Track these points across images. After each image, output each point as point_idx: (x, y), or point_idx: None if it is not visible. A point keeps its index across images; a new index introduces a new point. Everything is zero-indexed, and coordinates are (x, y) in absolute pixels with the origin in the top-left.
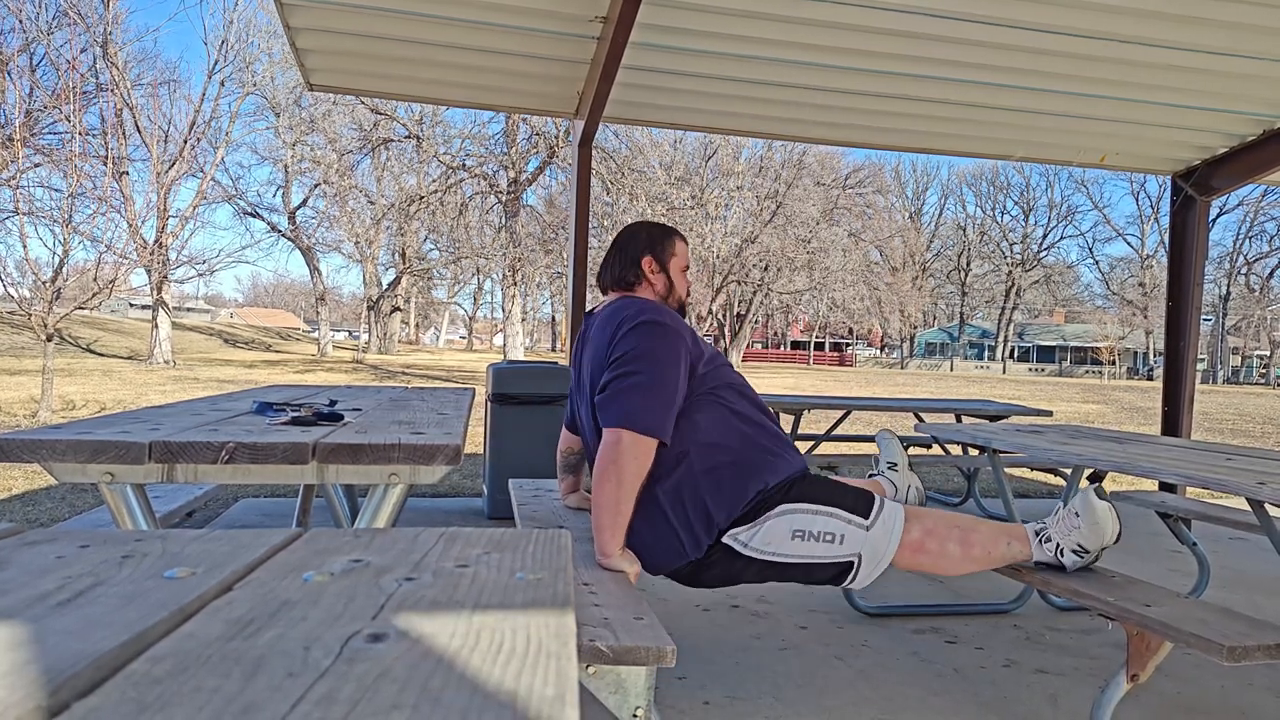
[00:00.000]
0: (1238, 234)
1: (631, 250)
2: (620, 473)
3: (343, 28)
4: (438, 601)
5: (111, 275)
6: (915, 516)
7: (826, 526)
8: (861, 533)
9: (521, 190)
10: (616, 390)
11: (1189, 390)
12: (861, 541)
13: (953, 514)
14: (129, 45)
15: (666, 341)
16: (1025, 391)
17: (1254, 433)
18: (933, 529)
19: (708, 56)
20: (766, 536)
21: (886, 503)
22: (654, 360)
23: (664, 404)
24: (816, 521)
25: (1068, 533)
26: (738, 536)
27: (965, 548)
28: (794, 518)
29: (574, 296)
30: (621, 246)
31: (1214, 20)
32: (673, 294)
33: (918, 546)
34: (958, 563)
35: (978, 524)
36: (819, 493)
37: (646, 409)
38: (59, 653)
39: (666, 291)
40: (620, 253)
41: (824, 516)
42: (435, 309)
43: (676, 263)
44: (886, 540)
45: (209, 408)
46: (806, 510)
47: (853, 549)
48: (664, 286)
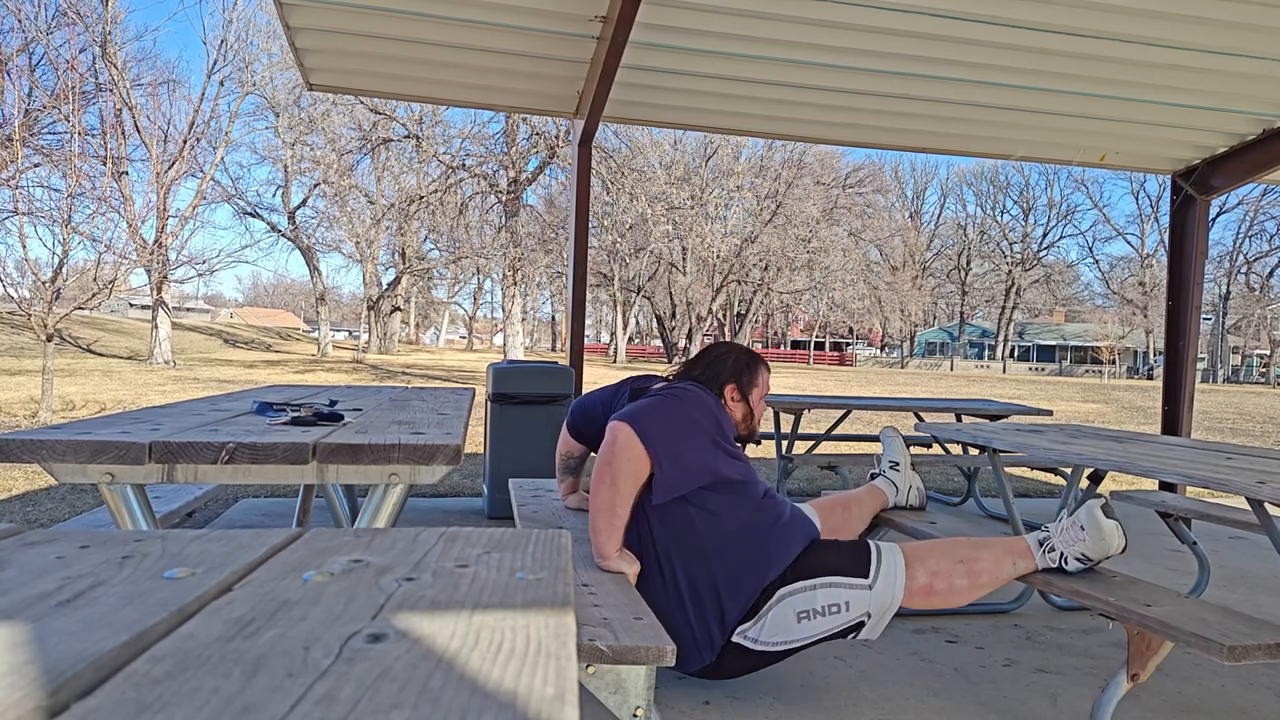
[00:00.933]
0: (1238, 233)
1: (716, 373)
2: (615, 473)
3: (342, 27)
4: (438, 601)
5: (111, 275)
6: (917, 559)
7: (829, 599)
8: (865, 593)
9: (521, 190)
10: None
11: (1189, 389)
12: (867, 601)
13: (952, 542)
14: (128, 45)
15: (702, 402)
16: (1025, 391)
17: (1254, 432)
18: (937, 570)
19: (708, 56)
20: (773, 629)
21: (883, 551)
22: (682, 402)
23: (669, 429)
24: (817, 597)
25: (1071, 543)
26: (745, 634)
27: (972, 578)
28: (794, 600)
29: (574, 296)
30: (708, 365)
31: (1214, 20)
32: (746, 425)
33: (927, 590)
34: (967, 594)
35: (979, 550)
36: (812, 565)
37: (649, 417)
38: (59, 653)
39: (741, 421)
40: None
41: (824, 589)
42: (435, 309)
43: (756, 394)
44: (891, 591)
45: (209, 408)
46: (804, 588)
47: (860, 611)
48: (741, 416)
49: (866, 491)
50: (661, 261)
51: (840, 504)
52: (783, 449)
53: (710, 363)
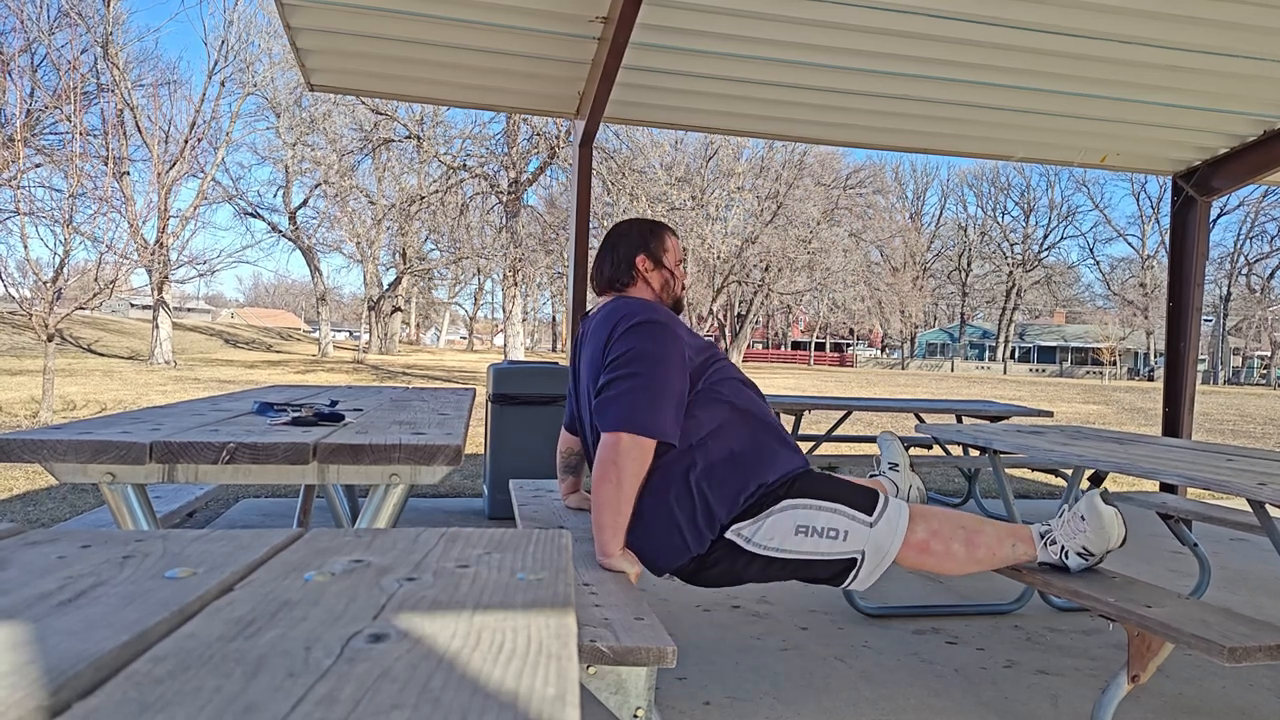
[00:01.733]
0: (1238, 234)
1: (624, 250)
2: (620, 474)
3: (343, 28)
4: (438, 602)
5: (112, 275)
6: (920, 516)
7: (830, 522)
8: (865, 529)
9: (522, 190)
10: (614, 393)
11: (1190, 391)
12: (865, 538)
13: (958, 513)
14: (130, 46)
15: (662, 341)
16: (1026, 392)
17: (1255, 433)
18: (938, 529)
19: (708, 56)
20: (770, 532)
21: (891, 500)
22: (651, 360)
23: (662, 404)
24: (820, 517)
25: (1073, 536)
26: (740, 532)
27: (970, 548)
28: (797, 513)
29: (574, 297)
30: (612, 246)
31: (1214, 20)
32: (668, 290)
33: (922, 546)
34: (962, 563)
35: (983, 525)
36: (823, 489)
37: (644, 410)
38: (60, 653)
39: (662, 288)
40: (612, 253)
41: (827, 512)
42: (436, 309)
43: (669, 258)
44: (890, 538)
45: (210, 408)
46: (810, 506)
47: (856, 546)
48: (660, 283)
49: (868, 484)
50: None
51: None
52: None
53: (614, 247)
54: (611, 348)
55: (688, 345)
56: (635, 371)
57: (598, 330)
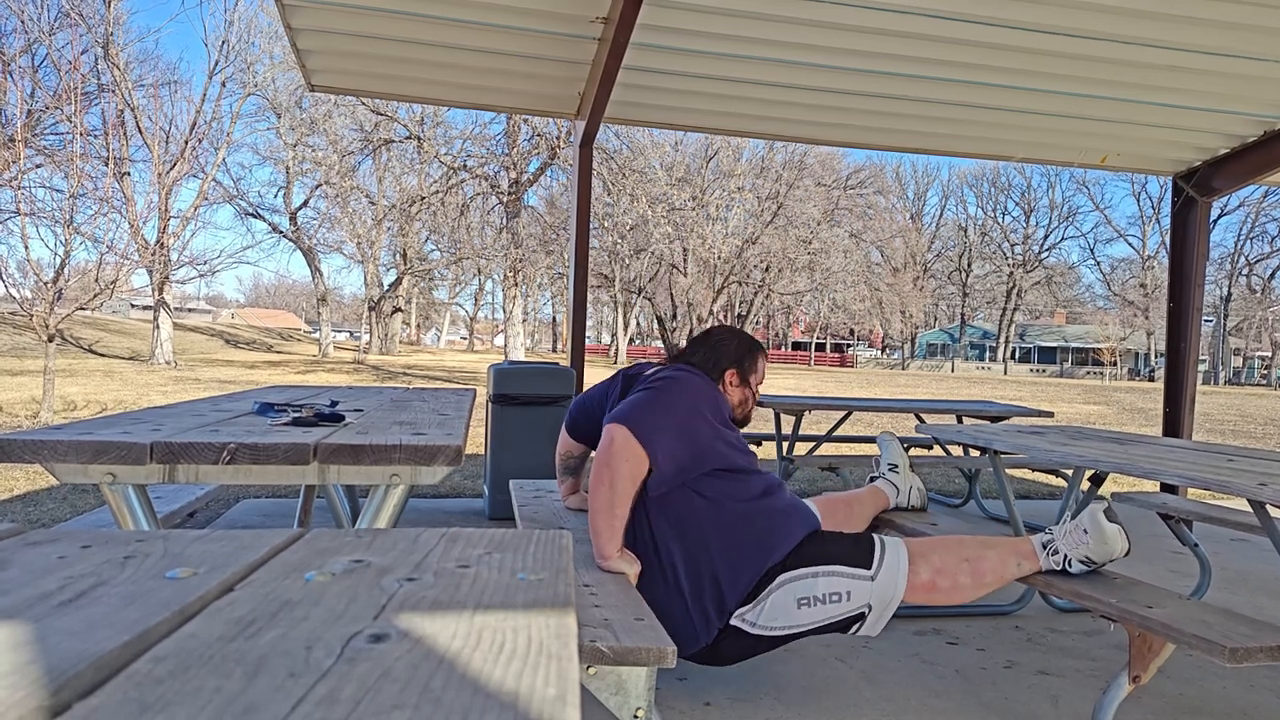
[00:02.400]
0: (1239, 235)
1: (721, 354)
2: (613, 474)
3: (344, 28)
4: (439, 602)
5: (113, 276)
6: (921, 555)
7: (830, 587)
8: (867, 584)
9: (522, 191)
10: (631, 397)
11: (1190, 391)
12: (868, 593)
13: (958, 541)
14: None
15: (702, 397)
16: (1026, 392)
17: (1255, 434)
18: (941, 567)
19: (708, 57)
20: (772, 613)
21: (887, 544)
22: (678, 392)
23: (668, 425)
24: (818, 585)
25: (1075, 546)
26: (744, 617)
27: (976, 577)
28: (795, 586)
29: (575, 297)
30: (711, 345)
31: (1214, 20)
32: (741, 409)
33: (930, 587)
34: (970, 592)
35: (984, 549)
36: (815, 552)
37: (646, 415)
38: (61, 653)
39: (739, 405)
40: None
41: (825, 578)
42: (436, 310)
43: (755, 379)
44: (893, 585)
45: (210, 408)
46: (806, 575)
47: (861, 602)
48: (738, 400)
49: (868, 492)
50: (662, 262)
51: (842, 502)
52: (783, 450)
53: (713, 346)
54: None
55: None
56: (659, 391)
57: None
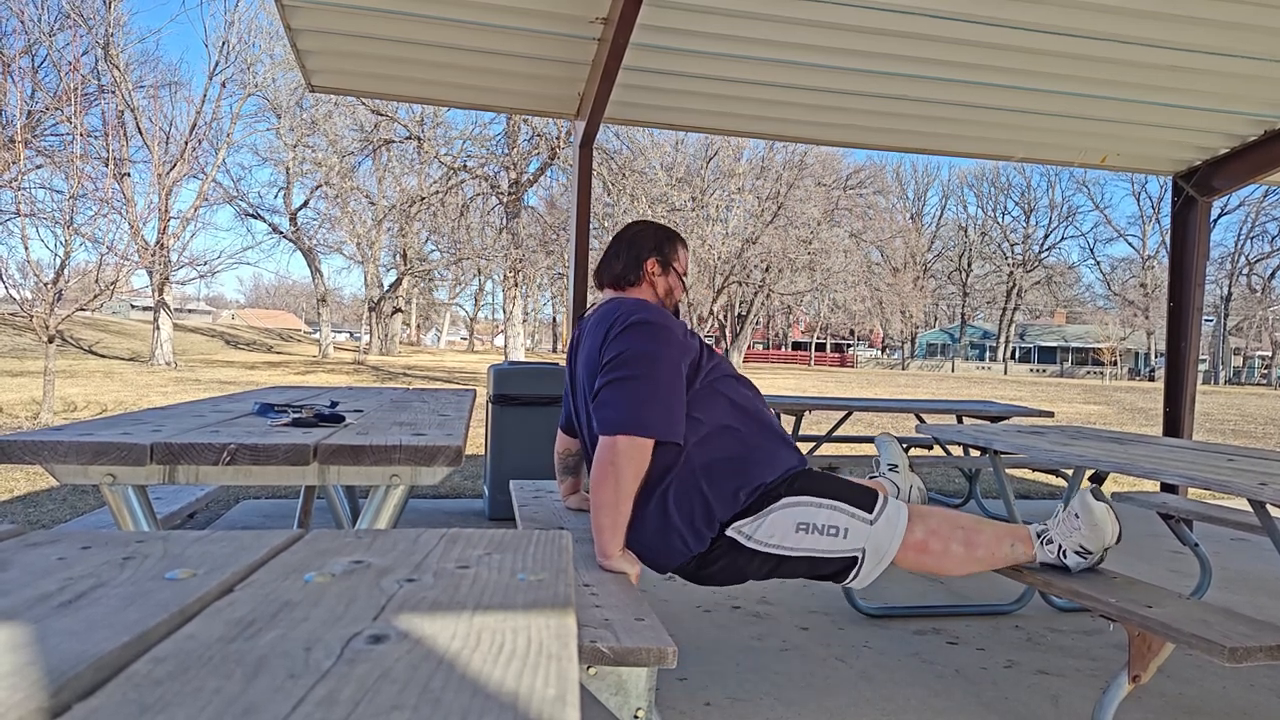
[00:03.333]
0: (1239, 234)
1: (636, 250)
2: (618, 474)
3: (344, 29)
4: (439, 602)
5: (113, 277)
6: (919, 516)
7: (830, 520)
8: (865, 527)
9: (522, 191)
10: (611, 394)
11: (1190, 391)
12: (865, 536)
13: (957, 514)
14: (130, 47)
15: (659, 340)
16: (1026, 392)
17: (1255, 433)
18: (936, 529)
19: (708, 57)
20: (770, 529)
21: (890, 500)
22: (647, 360)
23: (660, 403)
24: (820, 514)
25: (1069, 534)
26: (741, 529)
27: (969, 548)
28: (798, 510)
29: (575, 297)
30: (626, 245)
31: (1214, 20)
32: (670, 297)
33: (921, 547)
34: (961, 563)
35: (981, 525)
36: (823, 486)
37: (640, 411)
38: (60, 654)
39: (666, 293)
40: (624, 251)
41: (828, 510)
42: (436, 310)
43: (678, 265)
44: (890, 537)
45: (210, 409)
46: (810, 503)
47: (857, 543)
48: (665, 288)
49: (868, 485)
50: None
51: None
52: None
53: (628, 246)
54: (608, 347)
55: (685, 344)
56: (632, 373)
57: (594, 329)
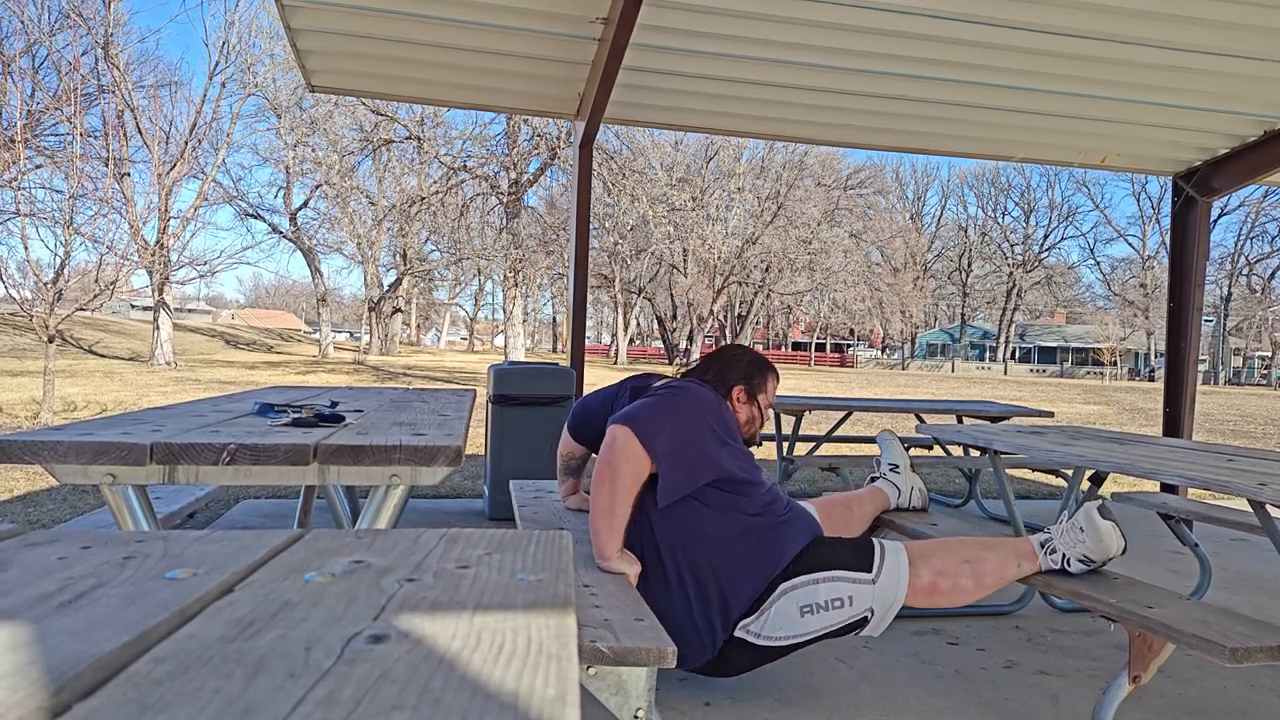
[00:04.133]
0: (1239, 235)
1: (727, 373)
2: (615, 475)
3: (344, 29)
4: (439, 602)
5: (113, 276)
6: (922, 558)
7: (832, 593)
8: (869, 588)
9: (522, 191)
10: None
11: (1190, 391)
12: (871, 597)
13: (958, 542)
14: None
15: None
16: (1026, 392)
17: (1255, 434)
18: (942, 569)
19: (708, 57)
20: (776, 622)
21: (886, 548)
22: (682, 400)
23: (670, 430)
24: (820, 591)
25: (1073, 545)
26: (748, 629)
27: (977, 579)
28: (796, 594)
29: (575, 297)
30: (719, 365)
31: (1214, 20)
32: (749, 427)
33: (931, 589)
34: (971, 593)
35: (984, 551)
36: (815, 560)
37: (650, 419)
38: (61, 653)
39: (746, 423)
40: (718, 367)
41: (826, 584)
42: (436, 310)
43: (764, 399)
44: (895, 587)
45: (210, 409)
46: (807, 582)
47: (863, 606)
48: (746, 417)
49: (868, 492)
50: (662, 263)
51: (841, 503)
52: (784, 450)
53: (724, 363)
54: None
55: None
56: (665, 398)
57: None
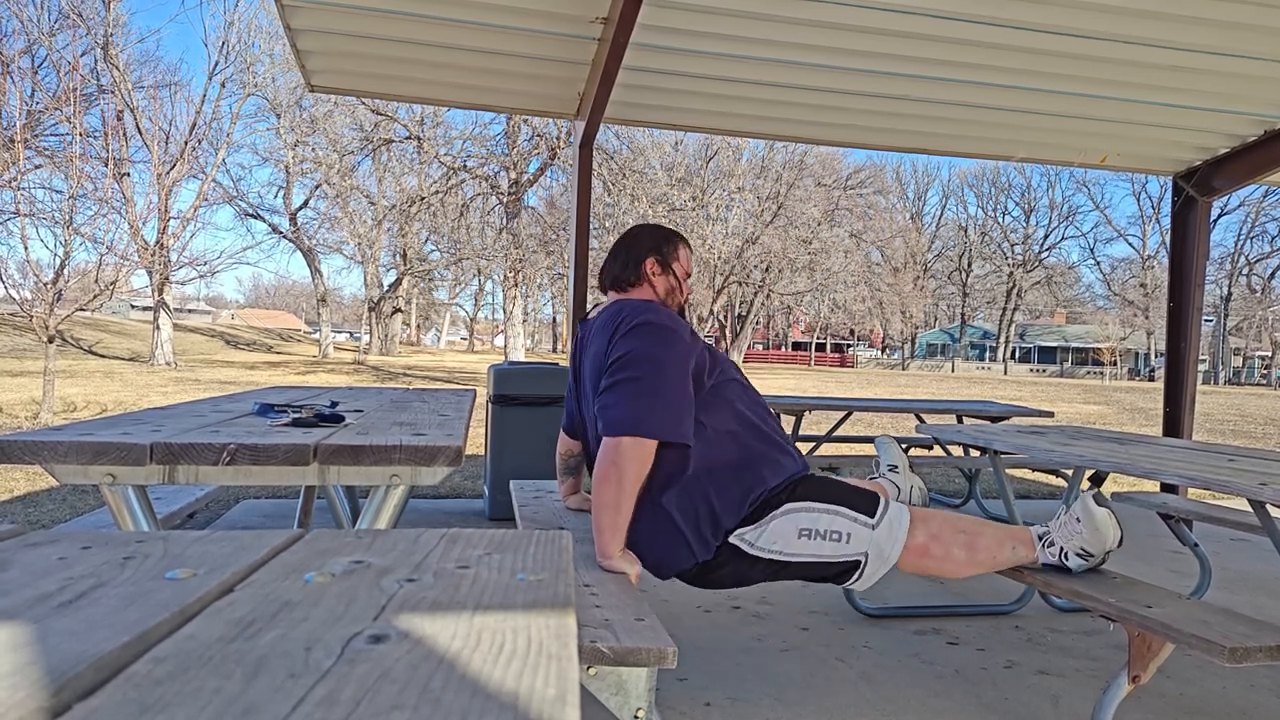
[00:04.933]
0: (1239, 235)
1: (634, 251)
2: (620, 475)
3: (343, 29)
4: (439, 602)
5: (112, 277)
6: (921, 520)
7: (832, 525)
8: (867, 531)
9: (522, 191)
10: (615, 396)
11: (1190, 391)
12: (867, 540)
13: (958, 516)
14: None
15: (665, 342)
16: (1026, 392)
17: (1255, 434)
18: (938, 533)
19: (708, 57)
20: (773, 536)
21: (891, 503)
22: (652, 362)
23: (665, 404)
24: (822, 520)
25: (1070, 537)
26: (744, 536)
27: (970, 551)
28: (800, 516)
29: (575, 297)
30: (625, 247)
31: (1214, 20)
32: (672, 296)
33: (923, 550)
34: (962, 566)
35: (983, 527)
36: (824, 492)
37: (645, 412)
38: (61, 654)
39: (667, 293)
40: (623, 253)
41: (829, 515)
42: (436, 310)
43: (679, 266)
44: (891, 540)
45: (210, 409)
46: (812, 509)
47: (859, 548)
48: (665, 288)
49: (868, 486)
50: None
51: None
52: None
53: (629, 245)
54: (613, 349)
55: (690, 346)
56: (636, 374)
57: (599, 332)
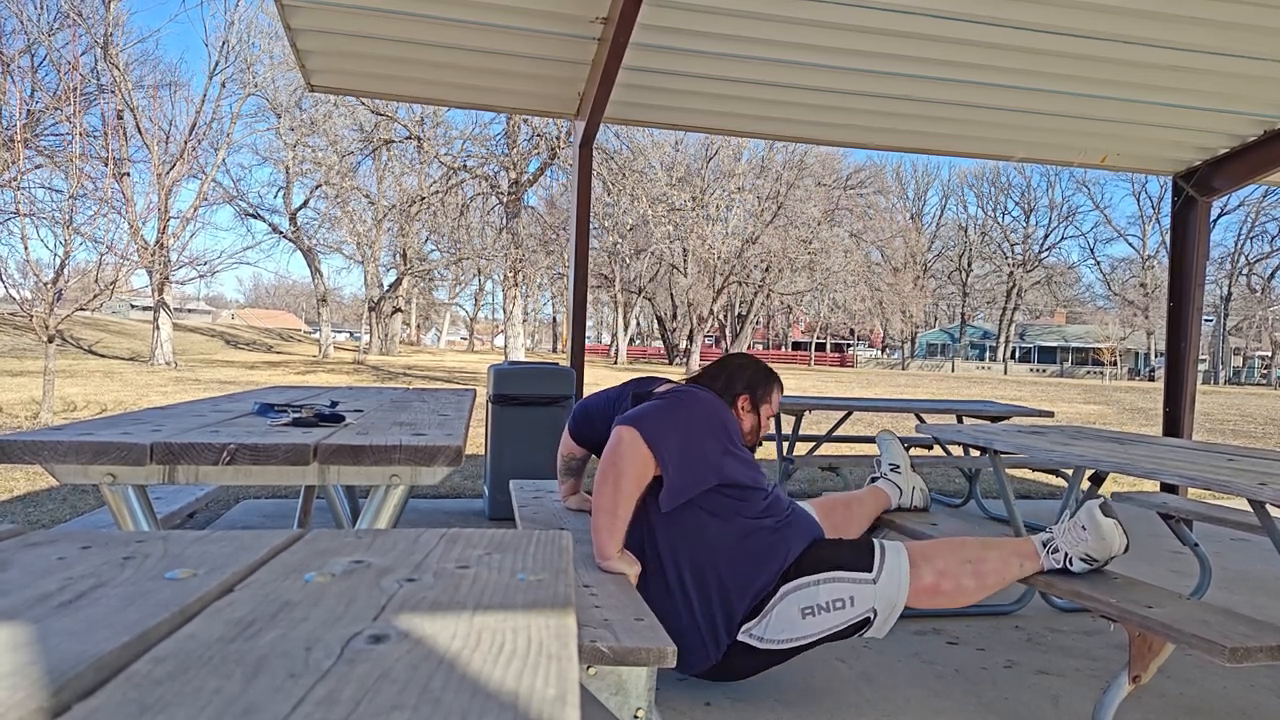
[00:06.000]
0: (1239, 234)
1: (733, 384)
2: (618, 474)
3: (343, 29)
4: (439, 602)
5: (112, 276)
6: (922, 557)
7: (833, 594)
8: (869, 588)
9: (522, 191)
10: (641, 405)
11: (1190, 391)
12: (873, 596)
13: (959, 542)
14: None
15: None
16: (1026, 392)
17: (1255, 433)
18: (944, 569)
19: (708, 57)
20: (778, 625)
21: (886, 548)
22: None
23: (675, 432)
24: (821, 592)
25: (1075, 544)
26: (751, 632)
27: (979, 579)
28: (797, 596)
29: (575, 297)
30: (727, 371)
31: (1214, 20)
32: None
33: (933, 589)
34: (974, 594)
35: (986, 551)
36: (815, 561)
37: (656, 421)
38: (61, 654)
39: (749, 432)
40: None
41: (827, 584)
42: (436, 310)
43: (767, 409)
44: (896, 588)
45: (210, 409)
46: (807, 584)
47: (865, 606)
48: (750, 426)
49: (868, 492)
50: (662, 263)
51: (841, 503)
52: (784, 450)
53: (730, 371)
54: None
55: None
56: (670, 402)
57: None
